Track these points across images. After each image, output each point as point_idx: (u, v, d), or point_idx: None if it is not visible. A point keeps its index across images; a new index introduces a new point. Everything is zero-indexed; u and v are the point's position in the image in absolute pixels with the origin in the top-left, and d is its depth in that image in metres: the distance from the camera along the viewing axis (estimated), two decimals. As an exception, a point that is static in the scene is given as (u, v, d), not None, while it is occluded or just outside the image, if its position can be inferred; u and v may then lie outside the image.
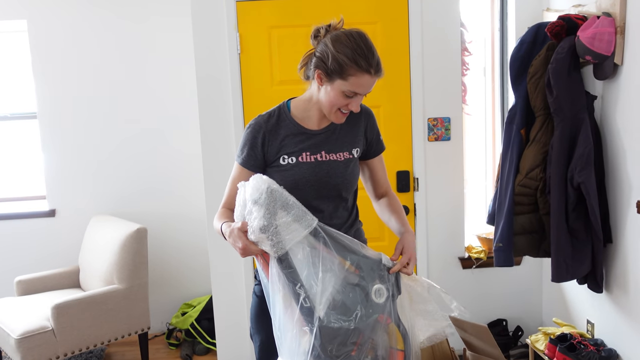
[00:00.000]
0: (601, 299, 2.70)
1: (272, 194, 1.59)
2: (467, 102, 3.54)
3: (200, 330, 3.74)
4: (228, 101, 3.13)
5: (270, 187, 1.60)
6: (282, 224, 1.59)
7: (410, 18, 3.12)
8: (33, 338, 3.02)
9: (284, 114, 1.86)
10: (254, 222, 1.58)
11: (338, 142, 1.87)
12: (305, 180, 1.80)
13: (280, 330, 1.62)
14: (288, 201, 1.62)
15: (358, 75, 1.69)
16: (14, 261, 4.02)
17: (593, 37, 2.38)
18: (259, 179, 1.63)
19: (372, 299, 1.64)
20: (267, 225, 1.57)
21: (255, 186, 1.61)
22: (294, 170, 1.81)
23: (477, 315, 3.37)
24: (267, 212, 1.57)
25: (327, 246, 1.63)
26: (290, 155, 1.82)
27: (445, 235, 3.30)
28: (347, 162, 1.87)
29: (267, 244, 1.59)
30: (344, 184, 1.86)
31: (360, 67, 1.68)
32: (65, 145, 3.99)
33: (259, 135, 1.83)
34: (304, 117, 1.86)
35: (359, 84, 1.70)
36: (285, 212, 1.60)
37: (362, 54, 1.69)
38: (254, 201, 1.59)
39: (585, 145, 2.48)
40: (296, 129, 1.84)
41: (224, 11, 3.07)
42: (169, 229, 4.06)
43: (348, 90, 1.71)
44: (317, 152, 1.83)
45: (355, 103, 1.75)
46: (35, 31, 3.89)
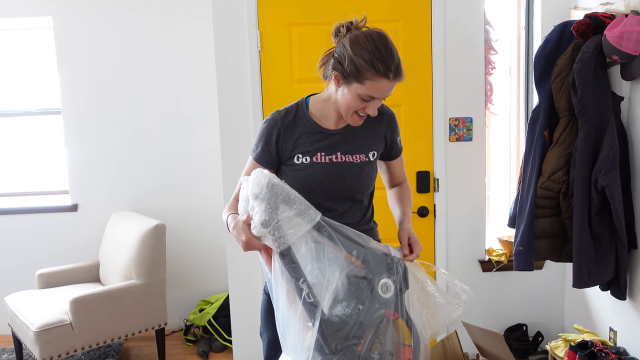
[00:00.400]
0: (625, 306, 2.62)
1: (273, 188, 1.58)
2: (493, 102, 3.48)
3: (218, 327, 3.75)
4: (248, 98, 3.12)
5: (270, 181, 1.59)
6: (284, 219, 1.57)
7: (433, 16, 3.07)
8: (51, 331, 3.05)
9: (301, 111, 1.83)
10: (256, 216, 1.57)
11: (355, 144, 1.82)
12: (318, 182, 1.77)
13: (283, 326, 1.61)
14: (290, 195, 1.59)
15: (375, 80, 1.63)
16: (36, 254, 4.07)
17: (621, 36, 2.31)
18: (259, 174, 1.61)
19: (378, 294, 1.61)
20: (269, 219, 1.56)
21: (255, 181, 1.59)
22: (307, 171, 1.78)
23: (496, 320, 3.31)
24: (268, 207, 1.56)
25: (332, 240, 1.61)
26: (304, 154, 1.79)
27: (465, 237, 3.25)
28: (363, 165, 1.82)
29: (270, 238, 1.57)
30: (358, 187, 1.82)
31: (377, 71, 1.63)
32: (88, 141, 4.03)
33: (274, 131, 1.80)
34: (321, 115, 1.82)
35: (377, 88, 1.65)
36: (287, 207, 1.58)
37: (381, 58, 1.63)
38: (255, 196, 1.58)
39: (610, 148, 2.41)
40: (313, 127, 1.81)
41: (244, 9, 3.06)
42: (188, 225, 4.08)
43: (365, 94, 1.66)
44: (333, 153, 1.80)
45: (372, 107, 1.70)
46: (61, 28, 3.94)
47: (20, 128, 4.28)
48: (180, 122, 4.02)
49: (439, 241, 3.22)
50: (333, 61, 1.72)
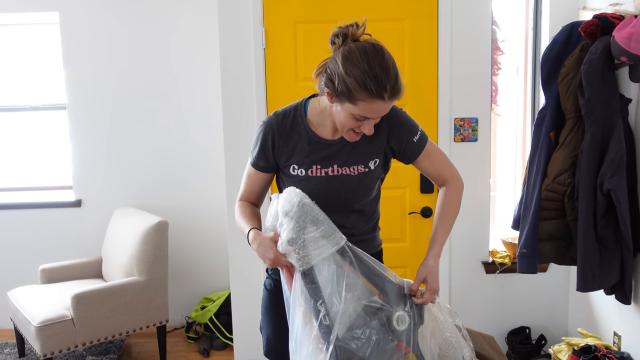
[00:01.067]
0: (629, 310, 2.59)
1: (304, 207, 1.59)
2: (498, 103, 3.45)
3: (219, 325, 3.74)
4: (252, 96, 3.11)
5: (302, 200, 1.59)
6: (310, 239, 1.58)
7: (439, 15, 3.05)
8: (52, 326, 3.05)
9: (299, 117, 1.74)
10: (283, 233, 1.59)
11: (353, 155, 1.73)
12: (313, 195, 1.68)
13: (296, 344, 1.60)
14: (318, 217, 1.60)
15: (368, 101, 1.51)
16: (39, 249, 4.08)
17: (629, 37, 2.27)
18: (292, 192, 1.62)
19: (393, 325, 1.61)
20: (295, 238, 1.57)
21: (287, 198, 1.61)
22: (302, 184, 1.72)
23: (499, 322, 3.29)
24: (296, 225, 1.57)
25: (352, 266, 1.60)
26: (300, 166, 1.73)
27: (469, 238, 3.22)
28: (362, 177, 1.74)
29: (294, 257, 1.58)
30: (356, 199, 1.76)
31: (370, 92, 1.50)
32: (93, 137, 4.03)
33: (269, 137, 1.75)
34: (319, 124, 1.73)
35: (370, 109, 1.54)
36: (315, 227, 1.59)
37: (375, 77, 1.49)
38: (285, 213, 1.59)
39: (617, 150, 2.38)
40: (310, 136, 1.73)
41: (250, 5, 3.04)
42: (191, 222, 4.07)
43: (358, 115, 1.56)
44: (329, 166, 1.72)
45: (368, 126, 1.60)
46: (67, 23, 3.94)
47: (26, 123, 4.28)
48: (184, 119, 4.01)
49: (442, 242, 3.19)
50: (325, 78, 1.60)
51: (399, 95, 1.55)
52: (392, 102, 1.56)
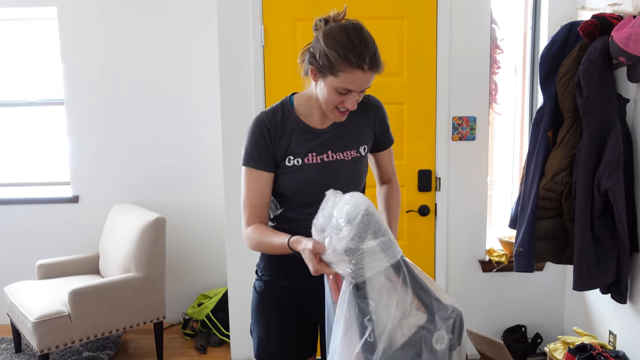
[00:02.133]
0: (625, 310, 2.60)
1: (369, 217, 1.48)
2: (498, 101, 3.45)
3: (216, 322, 3.74)
4: (250, 93, 3.11)
5: (368, 209, 1.48)
6: (368, 251, 1.47)
7: (438, 13, 3.05)
8: (49, 322, 3.05)
9: (287, 111, 1.77)
10: (341, 242, 1.47)
11: (345, 140, 1.79)
12: (311, 183, 1.73)
13: (335, 356, 1.54)
14: (380, 228, 1.50)
15: (349, 72, 1.58)
16: (37, 245, 4.07)
17: (628, 37, 2.28)
18: (359, 198, 1.51)
19: (433, 346, 1.54)
20: (354, 249, 1.46)
21: (353, 204, 1.49)
22: (300, 173, 1.74)
23: (495, 320, 3.30)
24: (357, 235, 1.46)
25: (404, 282, 1.52)
26: (296, 156, 1.74)
27: (466, 237, 3.23)
28: (355, 161, 1.80)
29: (348, 267, 1.48)
30: (351, 184, 1.79)
31: (350, 62, 1.57)
32: (90, 132, 4.02)
33: (264, 132, 1.74)
34: (307, 114, 1.77)
35: (351, 80, 1.59)
36: (374, 239, 1.49)
37: (354, 49, 1.57)
38: (348, 220, 1.47)
39: (614, 150, 2.38)
40: (301, 127, 1.76)
41: (249, 3, 3.04)
42: (189, 219, 4.07)
43: (340, 87, 1.61)
44: (324, 152, 1.76)
45: (351, 100, 1.64)
46: (65, 18, 3.92)
47: (23, 118, 4.27)
48: (182, 116, 4.00)
49: (439, 240, 3.20)
50: (309, 56, 1.67)
51: (378, 67, 1.62)
52: (372, 74, 1.62)
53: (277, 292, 1.85)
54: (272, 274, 1.85)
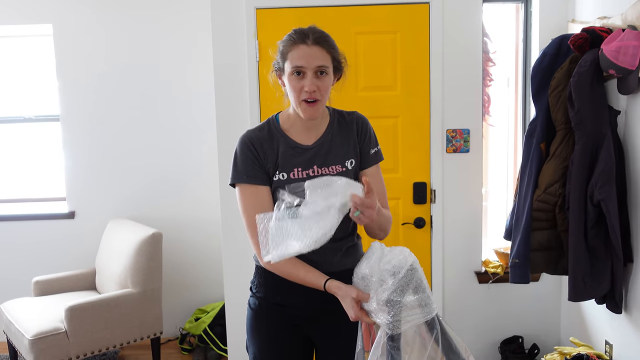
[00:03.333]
0: (621, 319, 2.61)
1: (413, 273, 1.57)
2: (491, 113, 3.48)
3: (213, 337, 3.74)
4: (245, 107, 3.12)
5: (413, 265, 1.57)
6: (407, 305, 1.55)
7: (431, 27, 3.08)
8: (46, 339, 3.05)
9: (274, 128, 1.81)
10: (384, 293, 1.55)
11: (330, 155, 1.80)
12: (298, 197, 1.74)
13: None
14: (421, 284, 1.59)
15: (294, 49, 1.68)
16: (33, 261, 4.07)
17: (617, 50, 2.31)
18: (406, 253, 1.59)
19: None
20: (395, 301, 1.54)
21: (401, 259, 1.57)
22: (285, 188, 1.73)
23: (492, 331, 3.30)
24: (399, 288, 1.55)
25: (436, 341, 1.58)
26: (281, 171, 1.76)
27: (461, 248, 3.24)
28: (341, 175, 1.75)
29: (386, 318, 1.55)
30: None
31: (293, 40, 1.69)
32: (86, 148, 4.03)
33: (253, 147, 1.77)
34: (293, 130, 1.81)
35: (298, 56, 1.68)
36: (414, 294, 1.57)
37: (295, 31, 1.71)
38: (393, 273, 1.56)
39: (606, 161, 2.41)
40: (288, 142, 1.79)
41: (243, 18, 3.07)
42: (185, 234, 4.08)
43: (294, 68, 1.68)
44: (309, 167, 1.78)
45: (308, 82, 1.68)
46: (61, 35, 3.95)
47: (19, 134, 4.28)
48: (178, 130, 4.02)
49: (435, 252, 3.21)
50: (273, 67, 1.81)
51: (324, 42, 1.70)
52: (319, 49, 1.69)
53: (272, 309, 1.85)
54: (267, 290, 1.85)
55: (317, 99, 1.70)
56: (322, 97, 1.71)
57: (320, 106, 1.73)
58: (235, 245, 3.19)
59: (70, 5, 3.92)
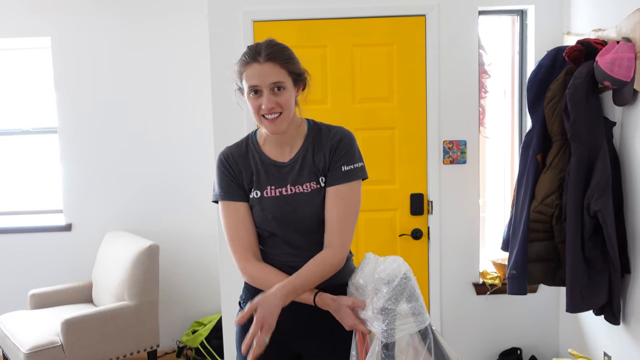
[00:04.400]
0: (619, 331, 2.61)
1: (407, 282, 1.59)
2: (486, 125, 3.49)
3: (210, 349, 3.72)
4: (242, 120, 3.13)
5: (407, 274, 1.60)
6: (401, 313, 1.58)
7: (427, 39, 3.10)
8: (42, 353, 3.03)
9: (251, 145, 1.81)
10: (379, 301, 1.57)
11: (304, 172, 1.76)
12: (271, 216, 1.72)
13: None
14: (414, 293, 1.61)
15: (248, 68, 1.67)
16: (29, 274, 4.05)
17: (612, 62, 2.33)
18: (399, 262, 1.62)
19: None
20: (389, 309, 1.57)
21: (395, 267, 1.60)
22: (260, 206, 1.75)
23: (490, 343, 3.29)
24: (393, 296, 1.57)
25: (429, 350, 1.60)
26: (256, 188, 1.76)
27: (459, 260, 3.24)
28: (315, 193, 1.74)
29: (380, 326, 1.57)
30: (312, 217, 1.74)
31: (245, 60, 1.68)
32: (83, 160, 4.03)
33: (228, 165, 1.78)
34: (267, 147, 1.79)
35: (252, 75, 1.66)
36: (407, 303, 1.59)
37: (249, 49, 1.70)
38: (387, 282, 1.58)
39: (603, 173, 2.41)
40: (263, 159, 1.78)
41: (241, 31, 3.08)
42: (182, 245, 4.07)
43: (250, 87, 1.67)
44: (283, 186, 1.75)
45: (265, 99, 1.65)
46: (59, 48, 3.97)
47: (17, 147, 4.28)
48: (175, 143, 4.03)
49: (432, 264, 3.21)
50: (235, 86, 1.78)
51: (278, 57, 1.67)
52: (272, 65, 1.65)
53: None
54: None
55: (278, 112, 1.67)
56: (283, 111, 1.67)
57: (283, 120, 1.68)
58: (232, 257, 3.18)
59: (68, 18, 3.94)
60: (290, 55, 1.72)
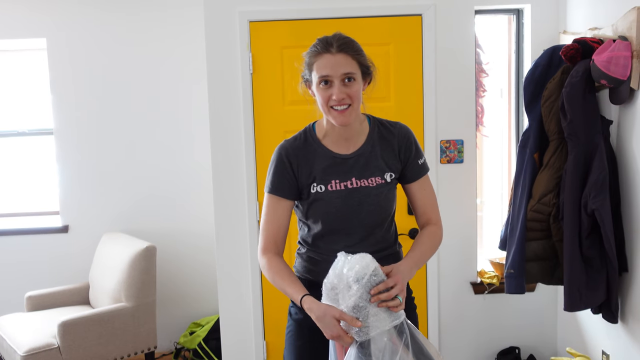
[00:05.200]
0: (617, 329, 2.61)
1: (376, 278, 1.58)
2: (485, 124, 3.49)
3: (208, 351, 3.71)
4: (239, 120, 3.13)
5: (376, 270, 1.59)
6: (374, 310, 1.57)
7: (424, 39, 3.10)
8: (38, 355, 3.01)
9: (310, 138, 1.80)
10: (350, 299, 1.57)
11: (369, 167, 1.78)
12: (335, 210, 1.74)
13: None
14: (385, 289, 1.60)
15: (319, 59, 1.68)
16: (26, 276, 4.03)
17: (609, 61, 2.33)
18: (367, 259, 1.61)
19: None
20: (362, 307, 1.56)
21: (363, 264, 1.59)
22: (323, 201, 1.75)
23: (489, 343, 3.29)
24: (365, 294, 1.56)
25: (406, 345, 1.60)
26: (319, 183, 1.75)
27: (457, 259, 3.24)
28: (380, 188, 1.78)
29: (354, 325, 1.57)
30: (377, 211, 1.78)
31: (317, 50, 1.69)
32: (80, 162, 4.02)
33: (286, 158, 1.77)
34: (328, 140, 1.80)
35: (323, 65, 1.67)
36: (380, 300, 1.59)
37: (319, 41, 1.70)
38: (356, 279, 1.57)
39: (600, 171, 2.41)
40: (325, 153, 1.78)
41: (237, 31, 3.08)
42: (179, 247, 4.05)
43: (320, 78, 1.68)
44: (347, 179, 1.76)
45: (336, 90, 1.67)
46: (54, 49, 3.95)
47: (13, 148, 4.27)
48: (172, 144, 4.01)
49: (430, 263, 3.21)
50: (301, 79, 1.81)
51: (349, 49, 1.68)
52: (344, 56, 1.67)
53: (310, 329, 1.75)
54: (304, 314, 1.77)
55: (348, 103, 1.69)
56: (353, 102, 1.70)
57: (352, 111, 1.70)
58: (230, 258, 3.18)
59: (64, 19, 3.93)
60: (360, 47, 1.74)
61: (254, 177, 3.14)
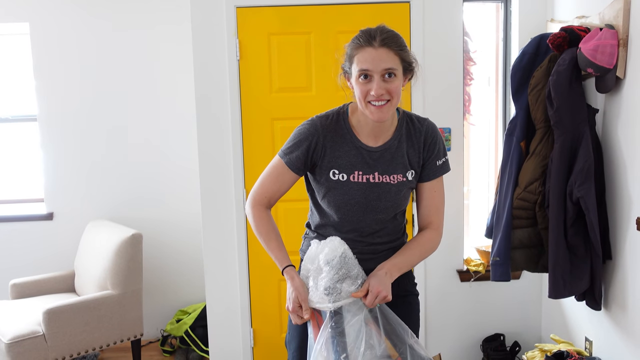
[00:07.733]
0: (600, 316, 2.64)
1: (346, 260, 1.66)
2: (472, 112, 3.50)
3: (195, 338, 3.70)
4: (226, 107, 3.10)
5: (345, 253, 1.67)
6: (346, 291, 1.65)
7: (411, 26, 3.09)
8: (23, 343, 2.99)
9: (342, 121, 1.78)
10: (322, 281, 1.64)
11: (393, 163, 1.77)
12: (354, 202, 1.74)
13: None
14: (354, 271, 1.67)
15: (361, 52, 1.65)
16: (10, 264, 4.00)
17: (595, 49, 2.33)
18: (336, 243, 1.68)
19: None
20: (332, 287, 1.63)
21: (332, 248, 1.66)
22: (343, 190, 1.74)
23: (474, 329, 3.32)
24: (336, 275, 1.64)
25: (377, 325, 1.66)
26: (341, 171, 1.74)
27: (443, 247, 3.18)
28: (400, 186, 1.78)
29: (327, 306, 1.65)
30: (394, 207, 1.79)
31: (360, 44, 1.66)
32: (64, 148, 3.97)
33: (314, 138, 1.75)
34: (359, 128, 1.77)
35: (364, 59, 1.64)
36: (351, 281, 1.66)
37: (362, 34, 1.67)
38: (327, 262, 1.65)
39: (585, 159, 2.43)
40: (353, 141, 1.76)
41: (223, 17, 3.04)
42: (165, 234, 4.04)
43: (360, 71, 1.64)
44: (370, 173, 1.75)
45: (375, 85, 1.63)
46: (37, 34, 3.89)
47: (-5, 135, 4.22)
48: (158, 131, 3.98)
49: (417, 251, 3.21)
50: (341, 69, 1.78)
51: (392, 43, 1.65)
52: (386, 51, 1.64)
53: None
54: None
55: (387, 99, 1.66)
56: (392, 99, 1.67)
57: (390, 108, 1.68)
58: (216, 245, 3.17)
59: (47, 4, 3.86)
60: (404, 43, 1.71)
61: (241, 165, 3.12)
